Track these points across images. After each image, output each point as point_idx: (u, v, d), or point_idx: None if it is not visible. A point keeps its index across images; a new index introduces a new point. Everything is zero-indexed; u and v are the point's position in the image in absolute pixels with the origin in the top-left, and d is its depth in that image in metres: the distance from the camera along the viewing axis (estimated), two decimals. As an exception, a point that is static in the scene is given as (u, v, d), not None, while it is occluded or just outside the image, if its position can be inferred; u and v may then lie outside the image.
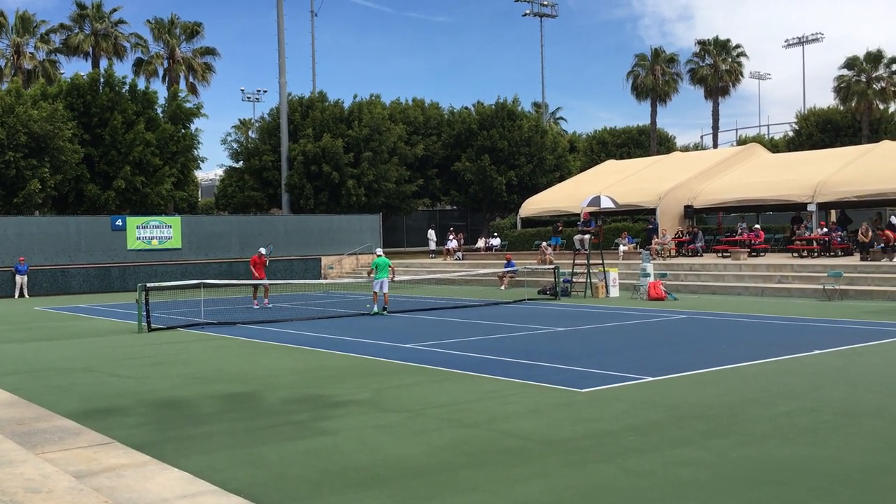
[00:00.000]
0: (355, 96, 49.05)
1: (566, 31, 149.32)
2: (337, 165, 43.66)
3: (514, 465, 7.07)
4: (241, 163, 49.60)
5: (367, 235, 40.71)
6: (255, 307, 24.05)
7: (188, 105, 43.93)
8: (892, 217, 27.24)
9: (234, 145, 50.92)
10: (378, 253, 22.69)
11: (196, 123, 50.67)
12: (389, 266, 21.87)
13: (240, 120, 79.30)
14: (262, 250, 25.48)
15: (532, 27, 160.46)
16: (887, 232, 25.27)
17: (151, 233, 35.24)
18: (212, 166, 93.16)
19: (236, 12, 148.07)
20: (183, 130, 42.92)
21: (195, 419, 9.20)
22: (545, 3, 61.46)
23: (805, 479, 6.50)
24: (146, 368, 13.00)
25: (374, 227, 41.25)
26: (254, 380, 11.70)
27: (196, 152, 44.04)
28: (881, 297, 21.46)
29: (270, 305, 24.53)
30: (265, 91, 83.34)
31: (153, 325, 18.41)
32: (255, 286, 24.79)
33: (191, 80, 52.28)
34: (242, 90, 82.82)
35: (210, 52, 53.26)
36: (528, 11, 61.04)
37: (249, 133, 51.25)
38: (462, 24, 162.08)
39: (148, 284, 19.15)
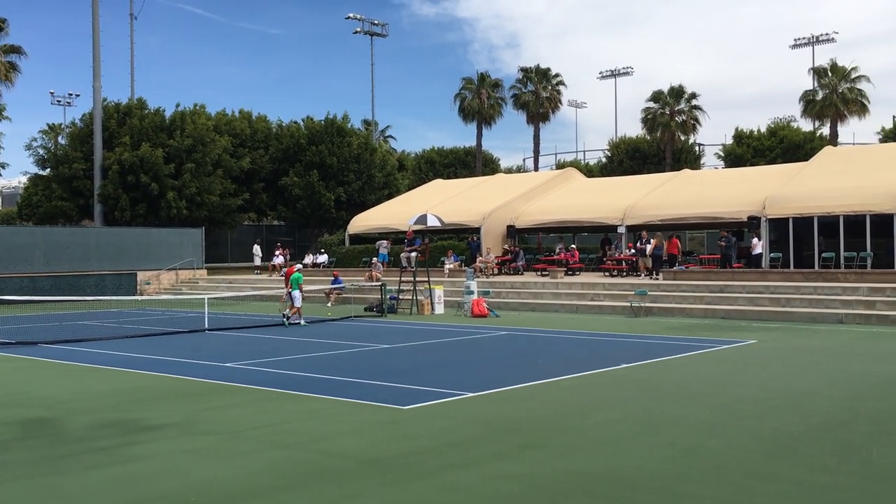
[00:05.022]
0: (178, 105, 47.10)
1: (398, 51, 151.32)
2: (156, 176, 41.64)
3: (332, 486, 6.98)
4: (48, 170, 46.24)
5: (189, 250, 39.08)
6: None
7: (-12, 106, 40.45)
8: (648, 244, 29.03)
9: (41, 151, 47.49)
10: (298, 267, 23.76)
11: (-3, 126, 46.71)
12: (298, 282, 22.40)
13: (48, 125, 74.01)
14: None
15: (364, 45, 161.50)
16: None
17: (-59, 244, 31.98)
18: (14, 173, 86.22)
19: (48, 10, 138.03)
20: (-19, 133, 39.44)
21: (-16, 449, 8.40)
22: (376, 22, 61.98)
23: (609, 487, 6.87)
24: (-72, 394, 11.74)
25: (196, 242, 39.67)
26: (56, 404, 10.86)
27: (-4, 157, 40.64)
28: (680, 314, 23.20)
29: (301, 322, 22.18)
30: (78, 95, 78.20)
31: (-61, 346, 16.69)
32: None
33: (-9, 79, 48.14)
34: (52, 93, 77.39)
35: (15, 50, 49.24)
36: (358, 29, 61.28)
37: (59, 139, 47.87)
38: (295, 37, 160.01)
39: (-66, 301, 17.40)
